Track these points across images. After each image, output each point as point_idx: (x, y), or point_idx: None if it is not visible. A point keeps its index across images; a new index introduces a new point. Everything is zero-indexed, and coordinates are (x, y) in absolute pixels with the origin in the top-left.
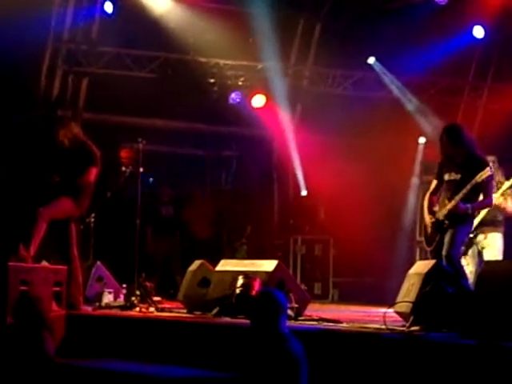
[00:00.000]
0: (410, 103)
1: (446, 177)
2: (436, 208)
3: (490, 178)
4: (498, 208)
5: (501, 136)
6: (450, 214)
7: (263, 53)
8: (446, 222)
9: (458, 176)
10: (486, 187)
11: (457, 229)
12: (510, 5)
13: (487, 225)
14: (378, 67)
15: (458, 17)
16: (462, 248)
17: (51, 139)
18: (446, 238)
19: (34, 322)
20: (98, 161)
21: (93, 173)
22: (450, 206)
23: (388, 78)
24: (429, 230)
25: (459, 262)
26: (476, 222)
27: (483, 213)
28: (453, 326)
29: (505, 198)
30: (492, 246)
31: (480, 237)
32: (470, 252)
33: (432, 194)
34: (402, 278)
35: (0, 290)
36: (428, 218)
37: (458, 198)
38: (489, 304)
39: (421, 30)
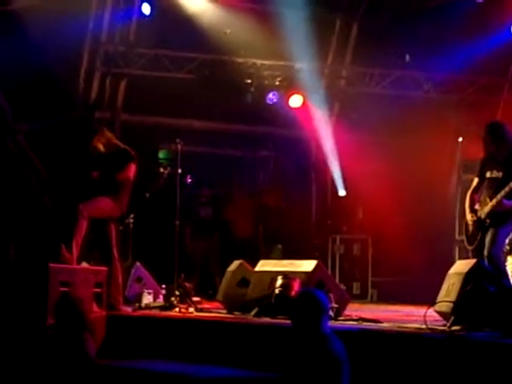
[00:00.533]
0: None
1: (488, 174)
2: (477, 206)
3: None
4: None
5: None
6: (492, 213)
7: (300, 53)
8: (488, 220)
9: (500, 174)
10: None
11: (499, 228)
12: None
13: None
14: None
15: (497, 14)
16: (507, 247)
17: (87, 146)
18: (488, 237)
19: (75, 323)
20: (135, 158)
21: (132, 169)
22: (491, 204)
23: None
24: (470, 228)
25: (501, 261)
26: None
27: None
28: (495, 326)
29: None
30: None
31: None
32: None
33: (473, 192)
34: (442, 278)
35: (40, 291)
36: (469, 217)
37: (499, 196)
38: None
39: (458, 28)
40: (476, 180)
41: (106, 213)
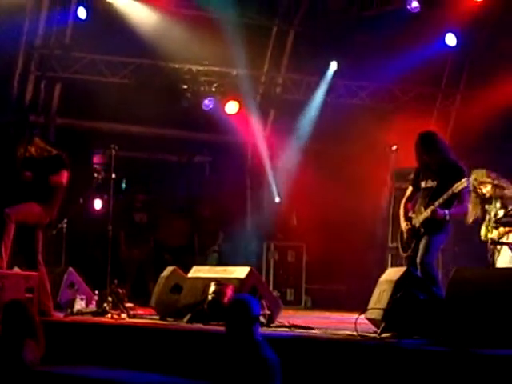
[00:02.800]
0: None
1: (423, 184)
2: (412, 214)
3: (466, 188)
4: None
5: (473, 143)
6: (427, 221)
7: (236, 59)
8: (422, 229)
9: (434, 183)
10: (462, 195)
11: (432, 236)
12: (481, 13)
13: None
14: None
15: (431, 25)
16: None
17: (17, 149)
18: (421, 245)
19: (23, 329)
20: (69, 165)
21: (64, 175)
22: (426, 213)
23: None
24: (404, 236)
25: (434, 269)
26: None
27: None
28: (424, 333)
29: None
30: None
31: None
32: None
33: (407, 200)
34: (374, 285)
35: None
36: (404, 225)
37: (436, 203)
38: (460, 310)
39: (394, 37)
40: (410, 189)
41: (34, 218)
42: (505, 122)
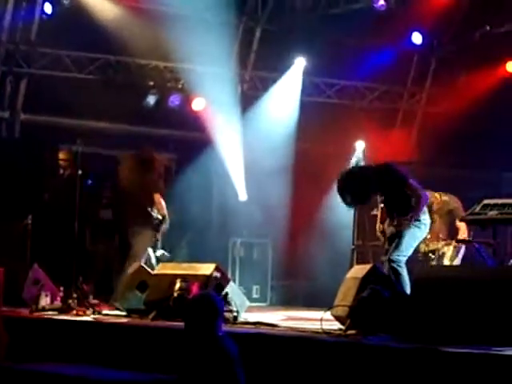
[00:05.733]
0: None
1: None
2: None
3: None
4: None
5: (438, 141)
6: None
7: (203, 56)
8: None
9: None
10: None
11: (403, 233)
12: (448, 11)
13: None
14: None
15: (397, 23)
16: None
17: None
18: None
19: None
20: None
21: None
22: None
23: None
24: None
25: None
26: None
27: None
28: (389, 330)
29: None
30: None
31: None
32: None
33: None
34: (340, 282)
35: None
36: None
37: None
38: (425, 307)
39: (361, 35)
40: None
41: None
42: (470, 121)
